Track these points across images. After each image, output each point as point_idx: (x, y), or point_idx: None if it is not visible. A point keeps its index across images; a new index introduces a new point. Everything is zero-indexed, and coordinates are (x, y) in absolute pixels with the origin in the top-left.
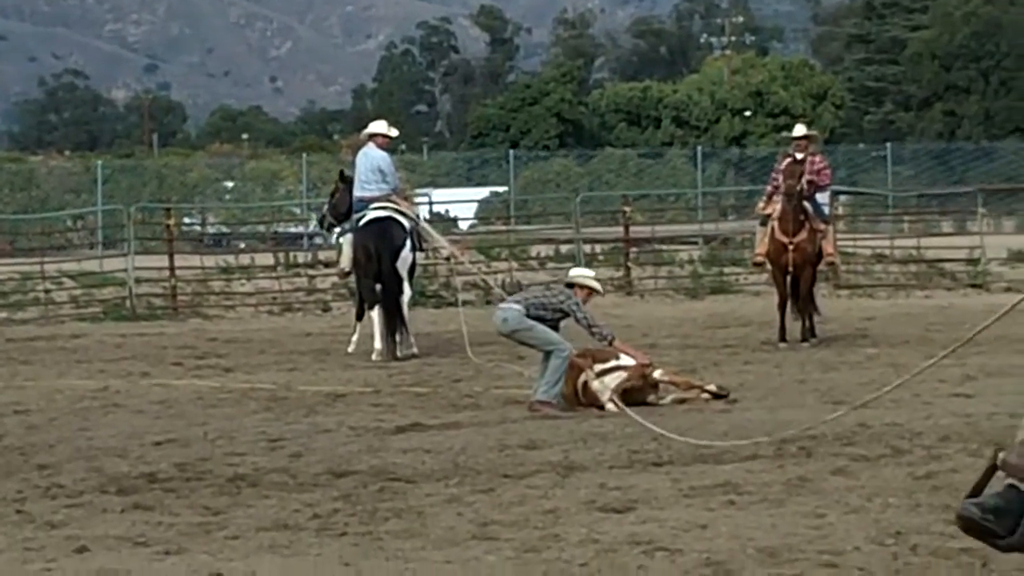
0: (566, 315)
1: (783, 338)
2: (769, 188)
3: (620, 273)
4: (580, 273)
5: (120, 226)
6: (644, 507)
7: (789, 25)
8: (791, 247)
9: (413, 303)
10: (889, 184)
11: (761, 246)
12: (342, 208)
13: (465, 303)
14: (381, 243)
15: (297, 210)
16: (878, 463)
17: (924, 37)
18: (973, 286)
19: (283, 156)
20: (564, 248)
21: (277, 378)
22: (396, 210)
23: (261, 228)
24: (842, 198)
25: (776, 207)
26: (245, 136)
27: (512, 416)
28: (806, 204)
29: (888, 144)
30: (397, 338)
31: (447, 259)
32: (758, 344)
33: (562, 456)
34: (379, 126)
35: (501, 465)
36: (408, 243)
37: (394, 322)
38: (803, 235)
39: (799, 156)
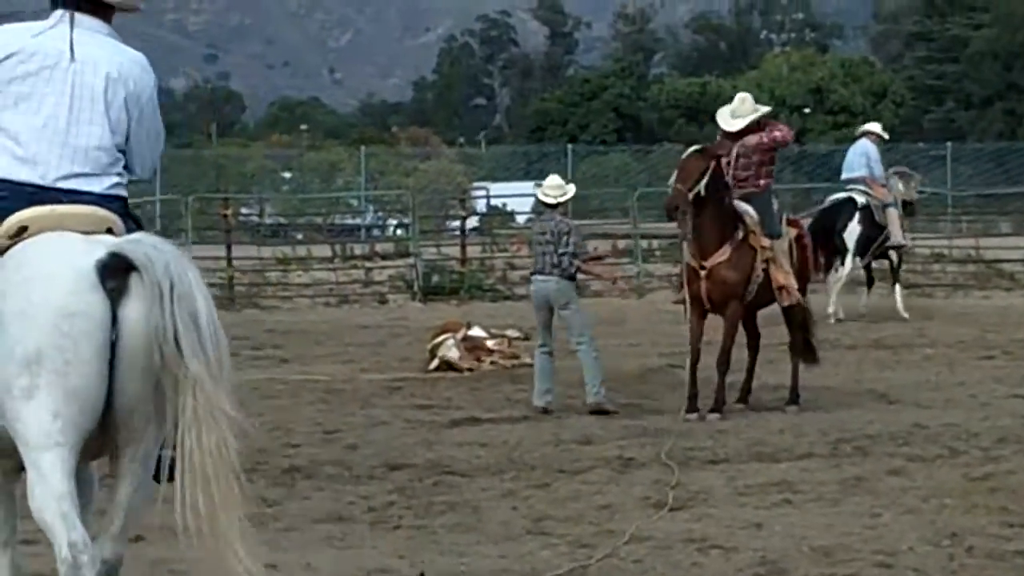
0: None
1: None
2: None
3: (677, 269)
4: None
5: (178, 216)
6: (699, 504)
7: (849, 22)
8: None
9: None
10: (948, 183)
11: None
12: None
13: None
14: None
15: (355, 202)
16: (934, 464)
17: (985, 36)
18: None
19: (341, 148)
20: (622, 243)
21: (334, 370)
22: None
23: (319, 220)
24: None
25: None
26: (304, 127)
27: (568, 410)
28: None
29: (948, 143)
30: None
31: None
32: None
33: (618, 452)
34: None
35: (556, 460)
36: None
37: None
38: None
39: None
